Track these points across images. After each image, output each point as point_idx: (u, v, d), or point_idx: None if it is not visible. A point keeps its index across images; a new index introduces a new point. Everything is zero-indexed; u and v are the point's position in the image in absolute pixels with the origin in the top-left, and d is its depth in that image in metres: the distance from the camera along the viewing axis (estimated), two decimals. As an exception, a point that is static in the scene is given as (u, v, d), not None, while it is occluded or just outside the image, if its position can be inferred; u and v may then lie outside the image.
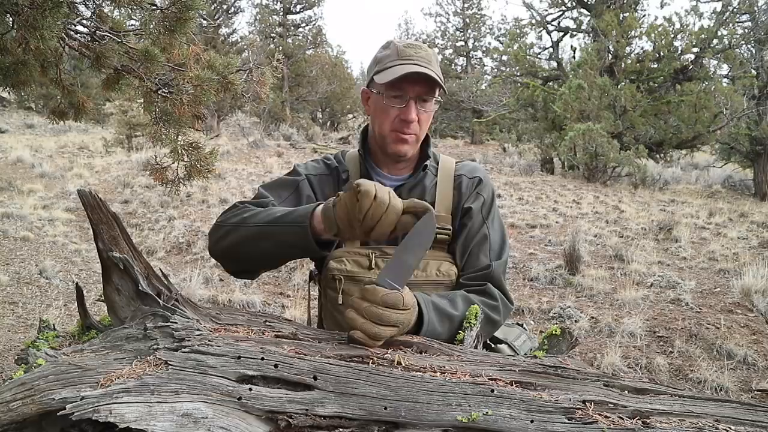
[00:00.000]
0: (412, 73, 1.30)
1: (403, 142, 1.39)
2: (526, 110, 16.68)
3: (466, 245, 1.42)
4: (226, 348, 0.94)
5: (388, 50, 1.39)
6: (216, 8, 21.85)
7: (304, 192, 1.43)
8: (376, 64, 1.39)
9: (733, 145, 13.69)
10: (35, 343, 1.05)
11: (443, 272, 1.38)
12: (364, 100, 1.47)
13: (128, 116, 13.69)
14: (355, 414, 0.88)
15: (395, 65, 1.33)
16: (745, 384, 3.54)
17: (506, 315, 1.42)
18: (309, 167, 1.50)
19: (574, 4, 17.10)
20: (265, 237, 1.25)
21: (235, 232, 1.31)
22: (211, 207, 8.29)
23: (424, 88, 1.35)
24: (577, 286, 5.40)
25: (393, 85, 1.33)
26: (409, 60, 1.33)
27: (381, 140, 1.42)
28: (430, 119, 1.42)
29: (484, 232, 1.43)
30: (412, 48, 1.37)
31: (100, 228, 1.06)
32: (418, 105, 1.35)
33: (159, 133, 3.29)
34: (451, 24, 29.23)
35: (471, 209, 1.43)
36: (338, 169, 1.49)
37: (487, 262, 1.40)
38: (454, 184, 1.46)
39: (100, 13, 2.98)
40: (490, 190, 1.50)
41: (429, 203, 1.41)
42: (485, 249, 1.42)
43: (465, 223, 1.43)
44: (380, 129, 1.40)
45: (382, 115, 1.39)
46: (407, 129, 1.36)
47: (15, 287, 4.89)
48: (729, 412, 0.90)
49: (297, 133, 18.75)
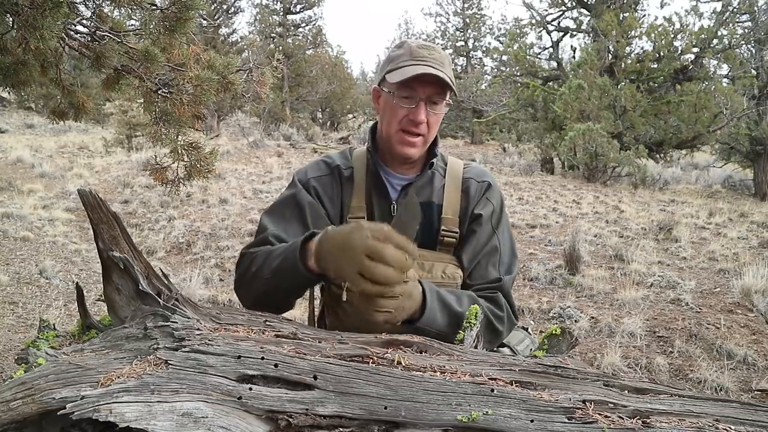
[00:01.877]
0: (424, 74, 1.29)
1: (410, 146, 1.37)
2: (526, 110, 16.68)
3: (474, 254, 1.40)
4: (226, 347, 0.94)
5: (401, 50, 1.38)
6: (216, 8, 21.85)
7: (305, 201, 1.41)
8: (389, 63, 1.38)
9: (733, 145, 13.69)
10: (35, 342, 1.05)
11: (449, 275, 1.37)
12: (375, 98, 1.46)
13: (128, 116, 13.69)
14: (355, 413, 0.88)
15: (407, 65, 1.32)
16: (745, 384, 3.54)
17: (510, 329, 1.42)
18: (307, 172, 1.48)
19: (574, 4, 17.10)
20: (277, 286, 1.25)
21: (253, 289, 1.31)
22: (211, 207, 8.29)
23: (435, 90, 1.34)
24: (577, 286, 5.40)
25: (404, 85, 1.32)
26: (422, 61, 1.32)
27: (388, 140, 1.41)
28: (439, 121, 1.40)
29: (494, 243, 1.42)
30: (426, 49, 1.36)
31: (100, 228, 1.06)
32: (428, 107, 1.34)
33: (159, 133, 3.30)
34: (451, 24, 29.26)
35: (481, 216, 1.42)
36: (340, 167, 1.47)
37: (496, 276, 1.40)
38: (462, 187, 1.45)
39: (100, 13, 2.98)
40: (499, 197, 1.48)
41: (436, 205, 1.41)
42: (495, 261, 1.41)
43: (474, 230, 1.41)
44: (388, 128, 1.39)
45: (391, 114, 1.38)
46: (415, 129, 1.35)
47: (15, 287, 4.89)
48: (729, 412, 0.90)
49: (297, 133, 18.75)
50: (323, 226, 1.32)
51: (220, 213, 7.94)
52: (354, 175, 1.46)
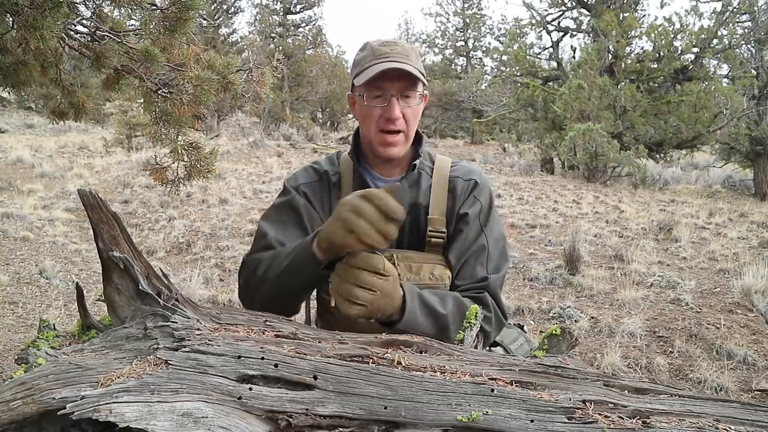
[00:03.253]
0: (389, 69, 1.28)
1: (391, 145, 1.36)
2: (526, 110, 16.69)
3: (461, 253, 1.38)
4: (226, 347, 0.94)
5: (364, 51, 1.37)
6: (216, 8, 21.85)
7: (300, 204, 1.41)
8: (355, 67, 1.38)
9: (733, 145, 13.69)
10: (35, 342, 1.05)
11: (436, 276, 1.36)
12: (351, 105, 1.45)
13: (128, 116, 13.69)
14: (355, 413, 0.88)
15: (371, 65, 1.31)
16: (745, 384, 3.54)
17: (499, 329, 1.40)
18: (297, 178, 1.48)
19: (574, 4, 17.10)
20: (288, 285, 1.26)
21: (261, 292, 1.31)
22: (211, 207, 8.29)
23: (404, 83, 1.32)
24: (577, 286, 5.40)
25: (372, 85, 1.31)
26: (385, 57, 1.31)
27: (369, 143, 1.40)
28: (417, 115, 1.38)
29: (482, 242, 1.39)
30: (388, 45, 1.34)
31: (100, 228, 1.06)
32: (400, 101, 1.33)
33: (159, 133, 3.29)
34: (451, 24, 29.24)
35: (467, 215, 1.40)
36: (327, 173, 1.46)
37: (483, 275, 1.37)
38: (448, 187, 1.43)
39: (100, 13, 2.98)
40: (488, 194, 1.45)
41: (423, 206, 1.41)
42: (482, 260, 1.38)
43: (461, 229, 1.39)
44: (367, 132, 1.38)
45: (367, 118, 1.36)
46: (393, 126, 1.34)
47: (15, 287, 4.88)
48: (729, 412, 0.90)
49: (297, 133, 18.75)
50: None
51: (220, 213, 7.95)
52: (341, 180, 1.45)
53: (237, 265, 5.88)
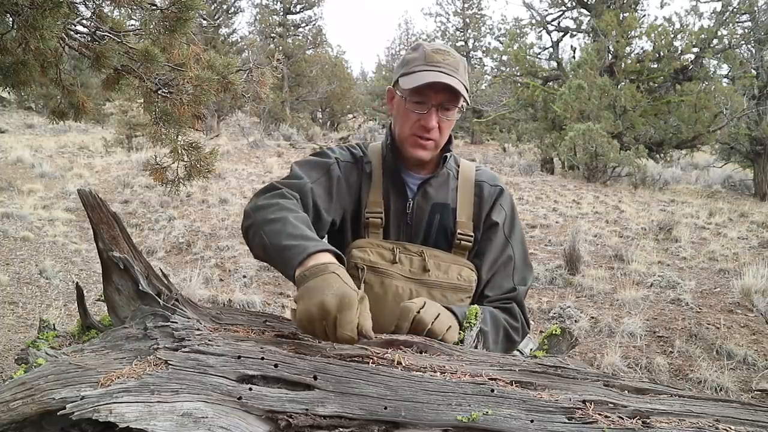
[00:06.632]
0: (437, 82, 1.29)
1: (421, 148, 1.37)
2: (526, 110, 16.69)
3: (491, 265, 1.41)
4: (226, 348, 0.94)
5: (416, 53, 1.37)
6: (216, 8, 21.83)
7: (335, 174, 1.41)
8: (403, 66, 1.38)
9: (733, 145, 13.70)
10: (35, 342, 1.05)
11: (464, 278, 1.38)
12: (389, 99, 1.46)
13: (128, 116, 13.69)
14: (355, 414, 0.88)
15: (421, 71, 1.31)
16: (745, 384, 3.54)
17: (523, 338, 1.43)
18: (338, 152, 1.48)
19: (574, 4, 17.10)
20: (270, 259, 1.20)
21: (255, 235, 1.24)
22: (211, 207, 8.29)
23: (447, 97, 1.33)
24: (577, 286, 5.40)
25: (416, 92, 1.32)
26: (436, 66, 1.31)
27: (400, 141, 1.42)
28: (451, 127, 1.40)
29: (509, 253, 1.43)
30: (440, 54, 1.34)
31: (100, 228, 1.06)
32: (439, 113, 1.34)
33: (159, 133, 3.29)
34: (451, 24, 29.24)
35: (497, 225, 1.42)
36: (362, 160, 1.47)
37: (511, 286, 1.41)
38: (474, 191, 1.45)
39: (100, 13, 2.97)
40: (510, 203, 1.49)
41: (451, 208, 1.42)
42: (509, 271, 1.42)
43: (490, 238, 1.42)
44: (400, 131, 1.40)
45: (403, 119, 1.38)
46: (426, 135, 1.35)
47: (15, 287, 4.88)
48: (729, 412, 0.90)
49: (297, 133, 18.76)
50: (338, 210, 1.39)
51: (220, 213, 7.95)
52: (372, 170, 1.46)
53: (237, 265, 5.90)
